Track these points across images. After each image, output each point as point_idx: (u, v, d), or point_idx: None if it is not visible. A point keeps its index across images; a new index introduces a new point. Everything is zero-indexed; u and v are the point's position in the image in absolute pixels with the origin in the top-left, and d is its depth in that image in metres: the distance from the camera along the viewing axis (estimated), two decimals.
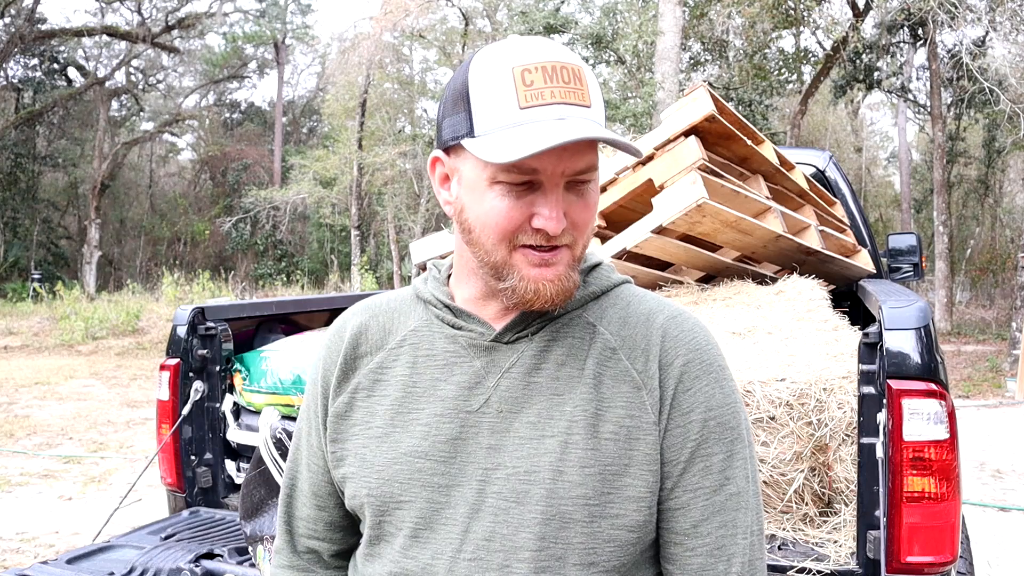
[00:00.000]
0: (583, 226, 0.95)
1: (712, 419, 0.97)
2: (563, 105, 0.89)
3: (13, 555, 4.35)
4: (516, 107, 0.89)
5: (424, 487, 0.96)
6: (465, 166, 0.95)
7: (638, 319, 1.01)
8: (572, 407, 0.95)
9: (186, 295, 16.98)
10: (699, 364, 0.98)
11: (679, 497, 0.96)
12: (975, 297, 21.37)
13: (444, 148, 0.98)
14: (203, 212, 31.43)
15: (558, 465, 0.93)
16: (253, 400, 2.78)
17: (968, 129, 21.80)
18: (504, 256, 0.94)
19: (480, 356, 0.99)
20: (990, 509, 5.22)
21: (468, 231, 0.96)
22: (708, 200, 2.66)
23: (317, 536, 1.12)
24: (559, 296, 0.94)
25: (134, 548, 2.24)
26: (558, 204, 0.91)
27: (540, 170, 0.90)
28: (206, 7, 33.10)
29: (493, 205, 0.92)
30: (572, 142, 0.87)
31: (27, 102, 27.68)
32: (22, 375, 11.15)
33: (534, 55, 0.91)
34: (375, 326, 1.07)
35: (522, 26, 15.90)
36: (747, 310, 2.79)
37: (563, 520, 0.92)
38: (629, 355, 0.98)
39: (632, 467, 0.94)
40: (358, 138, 21.85)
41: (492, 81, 0.91)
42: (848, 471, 2.13)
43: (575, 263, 0.96)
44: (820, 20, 14.84)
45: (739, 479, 0.97)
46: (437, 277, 1.08)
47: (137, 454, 6.72)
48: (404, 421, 0.99)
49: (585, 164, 0.92)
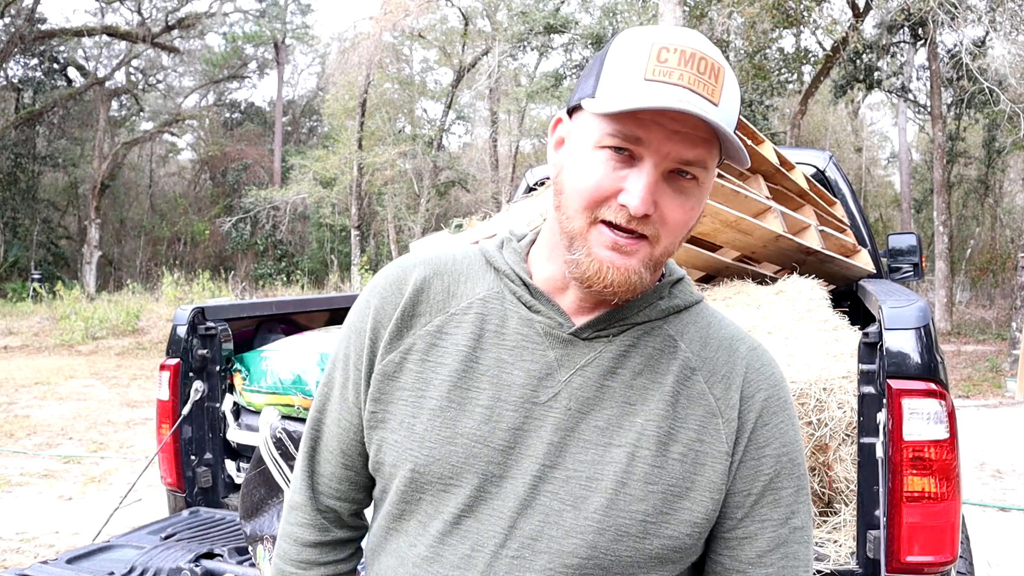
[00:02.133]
0: (672, 225, 0.90)
1: (785, 455, 0.97)
2: (688, 90, 0.85)
3: (13, 555, 4.35)
4: (641, 77, 0.86)
5: (476, 474, 0.92)
6: (578, 127, 0.92)
7: (720, 343, 0.99)
8: (644, 419, 0.92)
9: (186, 295, 16.97)
10: (778, 400, 0.98)
11: (747, 527, 0.96)
12: (975, 297, 21.36)
13: (569, 110, 0.96)
14: (203, 212, 31.43)
15: (622, 477, 0.90)
16: (253, 400, 2.78)
17: (968, 129, 21.82)
18: (582, 226, 0.90)
19: (555, 347, 0.94)
20: (990, 509, 5.22)
21: (559, 192, 0.93)
22: (708, 200, 2.66)
23: (340, 496, 1.07)
24: (622, 287, 0.90)
25: (134, 548, 2.24)
26: (650, 185, 0.86)
27: (644, 141, 0.86)
28: (206, 7, 33.11)
29: (589, 168, 0.89)
30: (678, 111, 0.83)
31: (27, 102, 27.68)
32: (22, 375, 11.15)
33: (678, 39, 0.87)
34: (439, 284, 1.00)
35: (522, 26, 15.91)
36: (747, 310, 2.79)
37: (618, 533, 0.90)
38: (708, 379, 0.96)
39: (694, 491, 0.92)
40: (358, 138, 21.85)
41: (628, 51, 0.88)
42: (848, 471, 2.13)
43: (651, 263, 0.91)
44: (820, 20, 14.84)
45: (803, 514, 0.98)
46: (516, 249, 1.02)
47: (137, 454, 6.72)
48: (462, 399, 0.94)
49: (694, 156, 0.87)
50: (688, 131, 0.86)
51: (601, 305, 0.96)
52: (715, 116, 0.85)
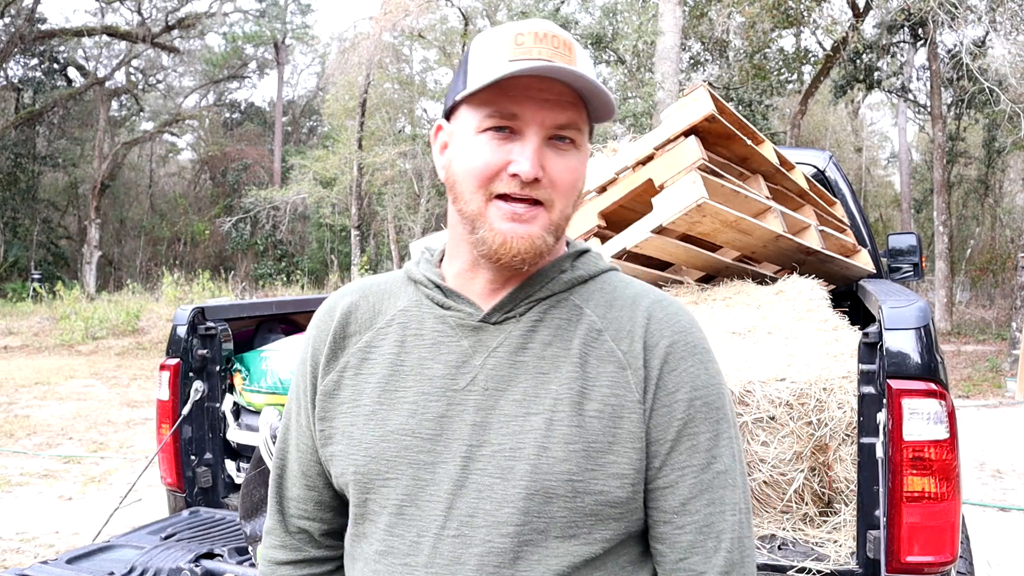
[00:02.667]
0: (561, 186, 0.97)
1: (698, 399, 0.98)
2: (546, 62, 0.94)
3: (13, 555, 4.35)
4: (505, 60, 0.95)
5: (410, 464, 0.97)
6: (458, 124, 1.00)
7: (624, 302, 1.02)
8: (557, 385, 0.96)
9: (186, 295, 16.97)
10: (684, 345, 0.99)
11: (667, 476, 0.97)
12: (975, 297, 21.36)
13: (446, 115, 1.03)
14: (203, 212, 31.43)
15: (543, 442, 0.94)
16: (253, 400, 2.78)
17: (968, 129, 21.80)
18: (479, 205, 0.96)
19: (468, 336, 1.00)
20: (990, 509, 5.22)
21: (452, 186, 1.00)
22: (708, 200, 2.66)
23: (307, 516, 1.12)
24: (528, 253, 0.96)
25: (134, 548, 2.24)
26: (534, 151, 0.94)
27: (520, 116, 0.94)
28: (206, 7, 33.11)
29: (475, 151, 0.96)
30: (540, 69, 0.92)
31: (27, 102, 27.68)
32: (22, 375, 11.15)
33: (531, 25, 0.97)
34: (365, 306, 1.08)
35: None
36: (747, 310, 2.78)
37: (546, 495, 0.93)
38: (615, 336, 0.99)
39: (616, 445, 0.95)
40: (358, 138, 21.84)
41: (489, 44, 0.98)
42: (848, 471, 2.13)
43: (551, 227, 0.97)
44: (820, 20, 14.83)
45: (726, 457, 0.98)
46: (429, 259, 1.10)
47: (137, 454, 6.72)
48: (391, 399, 1.00)
49: (566, 119, 0.96)
50: (556, 97, 0.95)
51: (510, 283, 1.01)
52: (576, 71, 0.94)
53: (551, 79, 0.95)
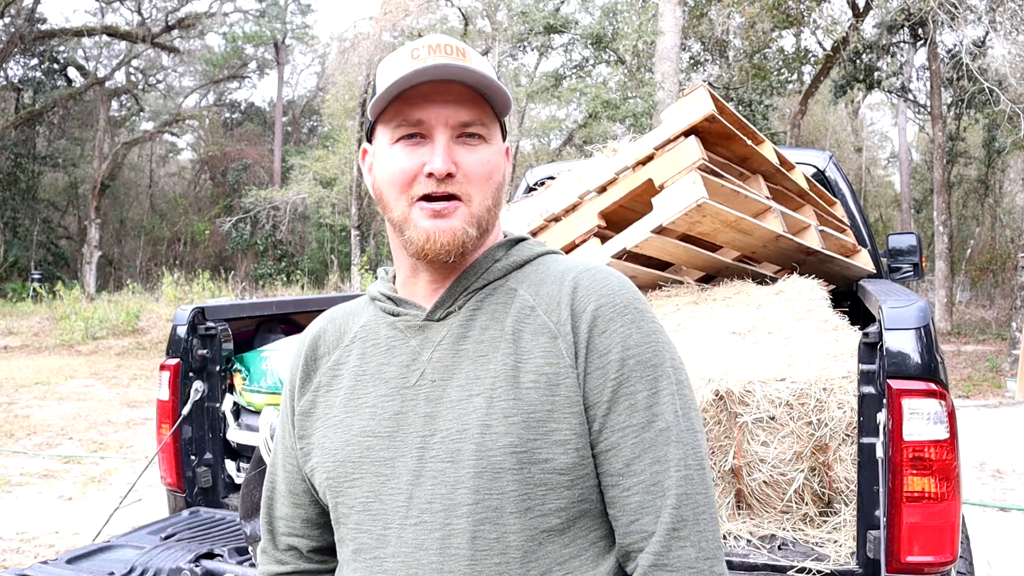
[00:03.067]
0: (476, 179, 1.02)
1: (631, 358, 0.98)
2: (440, 65, 0.99)
3: (13, 555, 4.35)
4: (403, 71, 1.00)
5: (372, 463, 1.01)
6: (377, 142, 1.06)
7: (554, 277, 1.05)
8: (495, 365, 0.99)
9: (186, 295, 16.97)
10: (612, 307, 1.00)
11: (608, 438, 0.97)
12: (975, 297, 21.36)
13: (368, 138, 1.10)
14: (203, 212, 31.42)
15: (484, 419, 0.96)
16: (253, 400, 2.78)
17: (968, 129, 21.81)
18: (404, 211, 1.02)
19: (415, 335, 1.05)
20: (990, 509, 5.22)
21: (380, 198, 1.06)
22: (708, 200, 2.66)
23: (296, 533, 1.16)
24: (452, 244, 1.01)
25: (134, 548, 2.24)
26: (444, 149, 1.00)
27: (425, 120, 1.00)
28: (206, 7, 33.09)
29: (392, 161, 1.02)
30: (428, 70, 0.97)
31: (27, 102, 27.68)
32: (22, 375, 11.15)
33: (427, 40, 1.04)
34: (332, 329, 1.15)
35: (522, 26, 15.89)
36: (747, 310, 2.78)
37: (494, 471, 0.95)
38: (546, 310, 1.02)
39: (556, 412, 0.96)
40: (358, 138, 21.84)
41: (390, 63, 1.04)
42: (848, 471, 2.13)
43: (472, 220, 1.02)
44: (820, 20, 14.83)
45: (667, 415, 0.98)
46: (384, 276, 1.16)
47: (137, 454, 6.72)
48: (355, 406, 1.05)
49: (469, 116, 1.01)
50: (456, 97, 1.01)
51: (448, 280, 1.06)
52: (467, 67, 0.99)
53: (448, 82, 1.00)
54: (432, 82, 0.99)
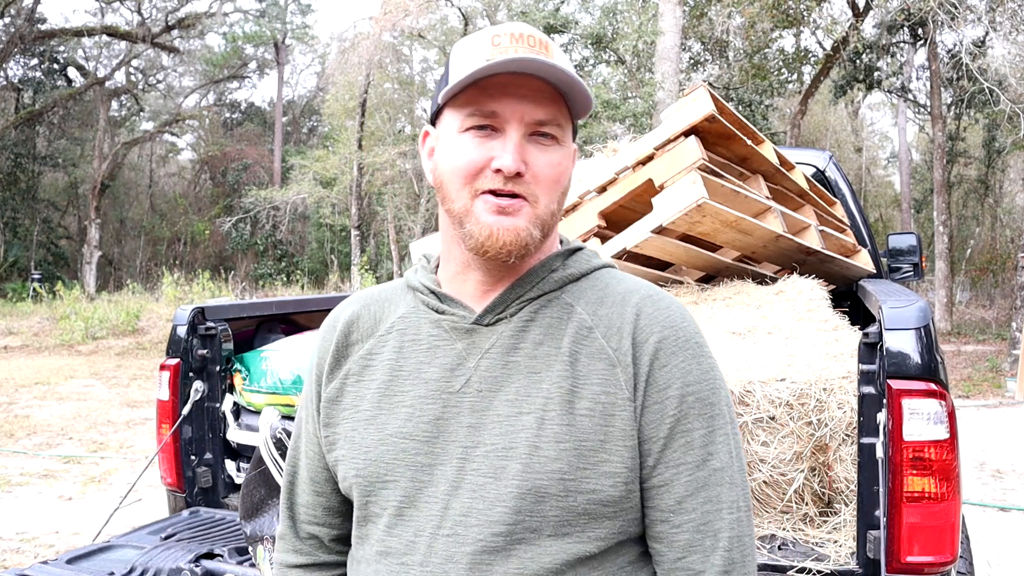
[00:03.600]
0: (544, 180, 0.98)
1: (690, 394, 0.97)
2: (524, 59, 0.94)
3: (13, 555, 4.35)
4: (482, 59, 0.96)
5: (408, 467, 0.98)
6: (442, 127, 1.02)
7: (614, 299, 1.02)
8: (548, 384, 0.96)
9: (186, 295, 16.97)
10: (674, 341, 0.98)
11: (662, 474, 0.96)
12: (975, 297, 21.36)
13: (432, 120, 1.06)
14: (203, 212, 31.42)
15: (534, 441, 0.94)
16: (253, 400, 2.78)
17: (968, 129, 21.80)
18: (465, 202, 0.98)
19: (461, 338, 1.01)
20: (990, 509, 5.22)
21: (440, 187, 1.02)
22: (708, 200, 2.66)
23: (317, 521, 1.14)
24: (514, 245, 0.96)
25: (134, 548, 2.24)
26: (515, 147, 0.95)
27: (499, 113, 0.96)
28: (206, 7, 33.09)
29: (459, 151, 0.98)
30: (514, 62, 0.93)
31: (27, 102, 27.67)
32: (22, 375, 11.15)
33: (508, 27, 1.00)
34: (366, 315, 1.10)
35: None
36: (747, 310, 2.78)
37: (538, 495, 0.93)
38: (604, 333, 0.99)
39: (608, 443, 0.95)
40: (358, 138, 21.84)
41: (468, 48, 1.01)
42: (848, 471, 2.13)
43: (537, 221, 0.98)
44: (820, 20, 14.83)
45: (722, 454, 0.97)
46: (426, 266, 1.11)
47: (137, 454, 6.72)
48: (390, 404, 1.02)
49: (545, 114, 0.97)
50: (534, 93, 0.96)
51: (501, 283, 1.02)
52: (553, 63, 0.94)
53: (528, 76, 0.95)
54: (511, 73, 0.95)
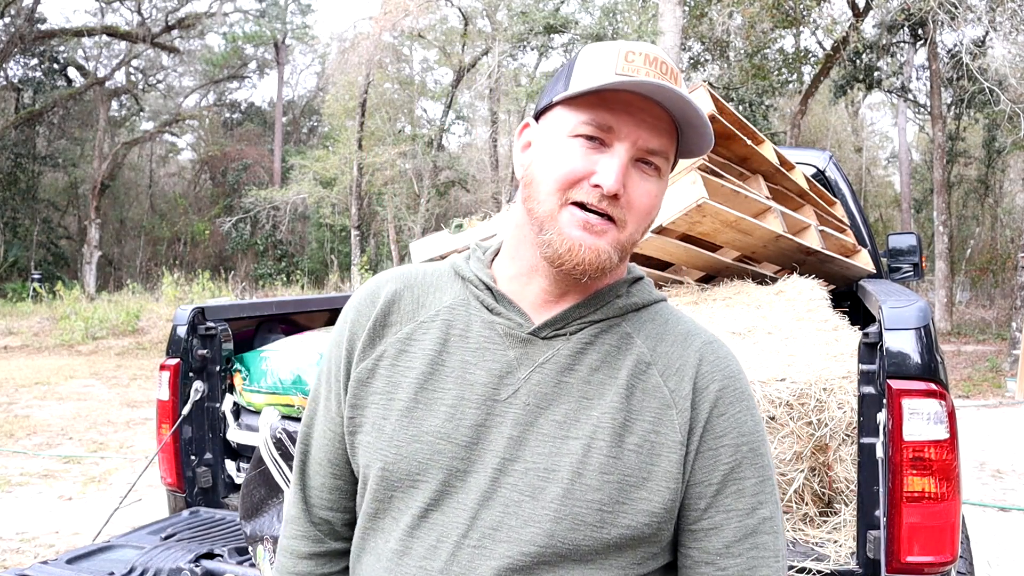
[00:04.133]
0: (638, 209, 0.96)
1: (744, 444, 0.98)
2: (657, 82, 0.92)
3: (13, 555, 4.35)
4: (612, 71, 0.94)
5: (441, 469, 0.96)
6: (548, 125, 0.98)
7: (675, 338, 1.02)
8: (600, 412, 0.95)
9: (186, 295, 16.97)
10: (733, 391, 0.99)
11: (712, 518, 0.97)
12: (975, 297, 21.36)
13: (536, 115, 1.02)
14: (203, 212, 31.43)
15: (578, 467, 0.93)
16: (253, 400, 2.78)
17: (968, 129, 21.81)
18: (553, 207, 0.95)
19: (515, 347, 0.98)
20: (990, 509, 5.22)
21: (529, 184, 0.98)
22: (708, 200, 2.66)
23: (332, 507, 1.10)
24: (592, 265, 0.94)
25: (134, 548, 2.24)
26: (621, 167, 0.93)
27: (615, 130, 0.93)
28: (206, 7, 33.09)
29: (563, 154, 0.95)
30: (649, 86, 0.91)
31: (27, 102, 27.67)
32: (22, 375, 11.15)
33: (641, 47, 0.97)
34: (409, 296, 1.05)
35: (522, 26, 15.90)
36: (747, 310, 2.78)
37: (574, 522, 0.92)
38: (663, 372, 0.99)
39: (651, 481, 0.94)
40: (358, 138, 21.84)
41: (598, 55, 0.97)
42: (848, 471, 2.13)
43: (619, 246, 0.96)
44: (820, 20, 14.83)
45: (770, 504, 0.99)
46: (481, 257, 1.07)
47: (137, 454, 6.72)
48: (428, 399, 0.98)
49: (658, 144, 0.95)
50: (654, 120, 0.94)
51: (565, 298, 1.00)
52: (684, 96, 0.93)
53: (652, 101, 0.94)
54: (637, 95, 0.93)
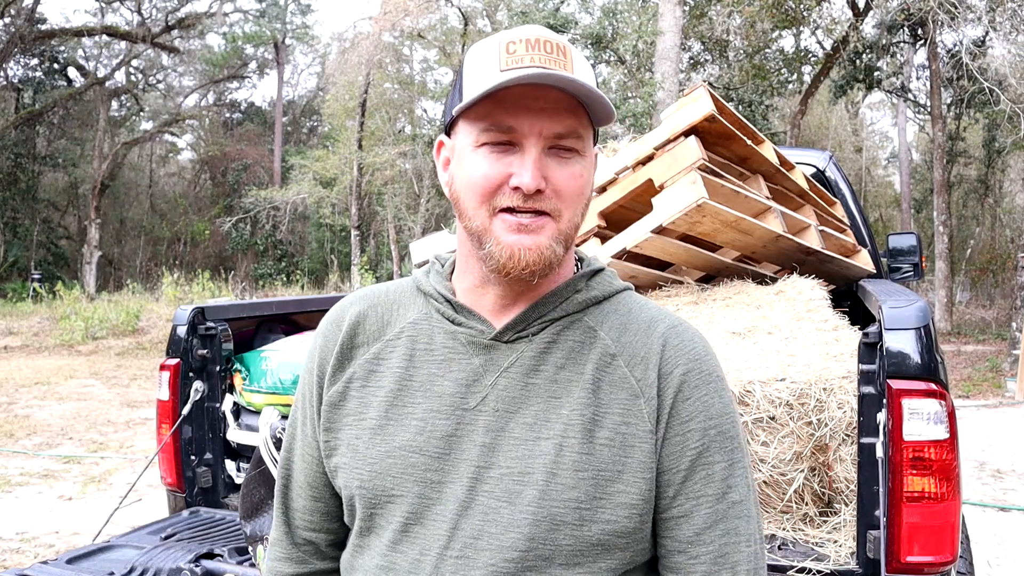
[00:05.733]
0: (567, 195, 0.95)
1: (712, 428, 0.97)
2: (540, 68, 0.91)
3: (13, 555, 4.35)
4: (496, 70, 0.93)
5: (416, 482, 0.96)
6: (457, 140, 0.98)
7: (639, 327, 1.01)
8: (569, 410, 0.95)
9: (186, 295, 16.97)
10: (698, 374, 0.98)
11: (682, 505, 0.96)
12: (975, 297, 21.36)
13: (446, 131, 1.02)
14: (203, 212, 31.43)
15: (552, 468, 0.93)
16: (253, 400, 2.78)
17: (968, 129, 21.79)
18: (484, 220, 0.94)
19: (479, 354, 0.98)
20: (990, 509, 5.22)
21: (456, 202, 0.98)
22: (708, 200, 2.66)
23: (314, 527, 1.10)
24: (538, 263, 0.94)
25: (134, 548, 2.24)
26: (534, 163, 0.92)
27: (516, 128, 0.92)
28: (206, 7, 33.11)
29: (475, 166, 0.94)
30: (531, 76, 0.89)
31: (27, 102, 27.67)
32: (22, 375, 11.15)
33: (522, 32, 0.95)
34: (373, 316, 1.06)
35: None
36: (747, 310, 2.78)
37: (553, 522, 0.92)
38: (628, 362, 0.98)
39: (626, 474, 0.94)
40: (358, 138, 21.84)
41: (481, 55, 0.96)
42: (848, 471, 2.13)
43: (560, 237, 0.95)
44: (820, 20, 14.83)
45: (740, 488, 0.97)
46: (439, 271, 1.07)
47: (137, 454, 6.72)
48: (399, 414, 0.99)
49: (564, 128, 0.93)
50: (553, 105, 0.92)
51: (522, 299, 1.00)
52: (571, 78, 0.91)
53: (546, 86, 0.92)
54: (528, 84, 0.91)
